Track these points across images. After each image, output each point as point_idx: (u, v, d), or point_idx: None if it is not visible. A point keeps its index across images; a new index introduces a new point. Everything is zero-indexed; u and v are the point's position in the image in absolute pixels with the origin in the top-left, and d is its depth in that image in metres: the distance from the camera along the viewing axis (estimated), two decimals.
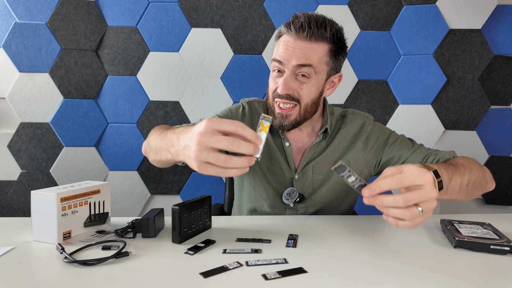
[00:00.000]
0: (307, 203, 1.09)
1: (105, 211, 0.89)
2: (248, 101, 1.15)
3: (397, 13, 1.78)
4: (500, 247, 0.71)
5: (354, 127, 1.10)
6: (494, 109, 1.80)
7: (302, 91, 0.97)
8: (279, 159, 1.09)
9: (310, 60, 0.95)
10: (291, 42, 0.96)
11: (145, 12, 1.76)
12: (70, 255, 0.67)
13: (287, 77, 0.96)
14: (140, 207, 1.83)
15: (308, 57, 0.95)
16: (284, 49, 0.96)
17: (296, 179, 1.08)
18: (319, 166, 1.08)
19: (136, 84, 1.78)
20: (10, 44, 1.71)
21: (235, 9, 1.77)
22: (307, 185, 1.08)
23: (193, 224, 0.81)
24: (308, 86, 0.97)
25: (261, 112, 1.11)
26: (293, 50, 0.95)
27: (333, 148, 1.09)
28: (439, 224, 0.90)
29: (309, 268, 0.64)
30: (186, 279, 0.60)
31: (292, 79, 0.96)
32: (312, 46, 0.96)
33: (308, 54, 0.95)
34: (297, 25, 0.95)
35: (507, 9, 1.76)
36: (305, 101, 0.98)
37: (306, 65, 0.95)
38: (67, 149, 1.77)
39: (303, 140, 1.11)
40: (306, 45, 0.95)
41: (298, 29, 0.95)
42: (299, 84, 0.97)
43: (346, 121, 1.12)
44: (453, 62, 1.78)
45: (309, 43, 0.95)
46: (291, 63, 0.95)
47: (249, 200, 1.14)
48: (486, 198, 1.84)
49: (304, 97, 0.98)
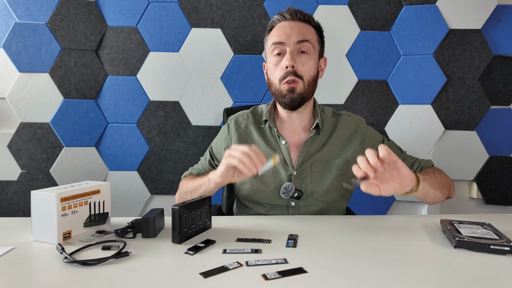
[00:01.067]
0: (309, 201, 1.10)
1: (105, 211, 0.89)
2: (232, 117, 1.23)
3: (397, 13, 1.78)
4: (500, 247, 0.71)
5: (349, 129, 1.16)
6: (494, 109, 1.80)
7: (304, 68, 1.06)
8: None
9: (307, 36, 1.07)
10: (287, 24, 1.08)
11: (145, 12, 1.76)
12: (70, 255, 0.67)
13: (291, 50, 1.05)
14: (140, 207, 1.83)
15: (305, 34, 1.07)
16: (283, 31, 1.07)
17: (295, 175, 1.10)
18: (318, 164, 1.11)
19: (136, 84, 1.78)
20: (10, 44, 1.71)
21: (235, 9, 1.77)
22: (306, 182, 1.10)
23: (193, 224, 0.81)
24: (308, 62, 1.07)
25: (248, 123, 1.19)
26: (291, 29, 1.07)
27: (331, 146, 1.13)
28: (439, 224, 0.90)
29: (309, 268, 0.64)
30: (186, 279, 0.60)
31: (295, 54, 1.06)
32: (305, 26, 1.09)
33: (304, 31, 1.08)
34: (289, 11, 1.09)
35: (507, 9, 1.76)
36: (307, 77, 1.07)
37: (305, 40, 1.06)
38: (67, 149, 1.77)
39: (300, 135, 1.14)
40: (301, 24, 1.09)
41: (291, 13, 1.09)
42: (302, 60, 1.06)
43: (342, 122, 1.17)
44: (453, 62, 1.78)
45: (303, 23, 1.09)
46: (292, 40, 1.05)
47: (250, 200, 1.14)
48: (486, 198, 1.84)
49: (306, 74, 1.07)
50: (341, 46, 1.79)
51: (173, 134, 1.80)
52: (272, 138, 1.14)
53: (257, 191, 1.11)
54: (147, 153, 1.80)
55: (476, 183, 1.83)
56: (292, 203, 1.10)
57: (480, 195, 1.84)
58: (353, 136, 1.15)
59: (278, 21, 1.10)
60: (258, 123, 1.18)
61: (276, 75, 1.08)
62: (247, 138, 1.16)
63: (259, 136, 1.15)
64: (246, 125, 1.19)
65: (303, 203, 1.10)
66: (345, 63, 1.80)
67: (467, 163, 1.82)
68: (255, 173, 0.91)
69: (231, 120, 1.22)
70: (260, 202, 1.12)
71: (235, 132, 1.18)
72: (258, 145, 1.12)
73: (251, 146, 0.90)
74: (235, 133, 1.18)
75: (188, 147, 1.81)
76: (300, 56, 1.06)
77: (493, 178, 1.82)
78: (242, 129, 1.18)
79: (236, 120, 1.21)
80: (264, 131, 1.16)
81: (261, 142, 1.14)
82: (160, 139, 1.80)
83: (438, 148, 1.81)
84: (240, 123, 1.19)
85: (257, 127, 1.17)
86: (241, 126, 1.19)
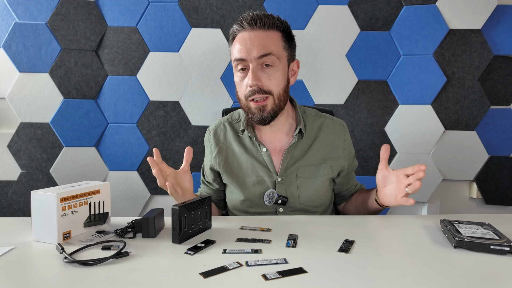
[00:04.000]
0: (296, 207, 1.09)
1: (105, 211, 0.89)
2: (211, 130, 1.19)
3: (397, 13, 1.78)
4: (500, 247, 0.71)
5: (334, 133, 1.13)
6: (494, 109, 1.80)
7: (271, 82, 1.00)
8: (257, 168, 1.09)
9: (269, 48, 0.99)
10: (247, 36, 1.00)
11: (145, 12, 1.76)
12: (70, 255, 0.67)
13: (253, 68, 0.99)
14: (140, 207, 1.83)
15: (267, 46, 0.99)
16: (243, 45, 0.99)
17: (279, 181, 1.08)
18: (303, 169, 1.09)
19: (136, 84, 1.78)
20: (10, 44, 1.71)
21: (235, 9, 1.77)
22: (292, 188, 1.08)
23: (193, 224, 0.81)
24: (275, 75, 1.00)
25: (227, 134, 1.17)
26: (251, 43, 0.99)
27: (315, 151, 1.10)
28: (439, 224, 0.90)
29: (309, 268, 0.64)
30: (186, 279, 0.60)
31: (258, 70, 0.99)
32: (266, 34, 1.00)
33: (266, 43, 0.99)
34: (248, 19, 1.00)
35: (507, 9, 1.76)
36: (277, 90, 1.01)
37: (267, 54, 0.98)
38: (67, 149, 1.77)
39: (281, 140, 1.11)
40: (261, 34, 0.99)
41: (250, 22, 0.99)
42: (267, 75, 1.00)
43: (326, 125, 1.14)
44: (453, 62, 1.78)
45: (264, 32, 1.00)
46: (253, 55, 0.98)
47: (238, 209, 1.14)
48: (486, 198, 1.84)
49: (275, 88, 1.01)
50: (341, 46, 1.79)
51: (173, 134, 1.80)
52: (252, 146, 1.11)
53: (244, 201, 1.10)
54: (147, 153, 1.80)
55: (476, 183, 1.83)
56: (280, 209, 1.09)
57: (480, 195, 1.84)
58: (337, 141, 1.13)
59: (238, 31, 1.02)
60: (237, 132, 1.14)
61: (242, 91, 1.03)
62: (228, 150, 1.14)
63: (239, 147, 1.12)
64: (224, 136, 1.15)
65: (290, 208, 1.09)
66: (345, 63, 1.80)
67: (467, 163, 1.82)
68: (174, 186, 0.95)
69: (209, 133, 1.18)
70: (248, 211, 1.11)
71: (215, 145, 1.15)
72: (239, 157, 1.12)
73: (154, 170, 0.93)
74: (215, 147, 1.15)
75: None
76: (264, 70, 0.99)
77: (493, 178, 1.82)
78: (221, 141, 1.15)
79: (214, 133, 1.17)
80: (243, 139, 1.13)
81: (242, 153, 1.11)
82: (160, 139, 1.80)
83: (438, 148, 1.81)
84: (218, 135, 1.16)
85: (236, 136, 1.14)
86: (220, 138, 1.16)
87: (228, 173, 1.12)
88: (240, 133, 1.13)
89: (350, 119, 1.82)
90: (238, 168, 1.11)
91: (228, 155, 1.13)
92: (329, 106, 1.81)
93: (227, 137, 1.15)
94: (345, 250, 0.72)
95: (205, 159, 1.20)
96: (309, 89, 1.81)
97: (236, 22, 1.03)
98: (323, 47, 1.79)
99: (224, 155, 1.13)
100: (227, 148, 1.14)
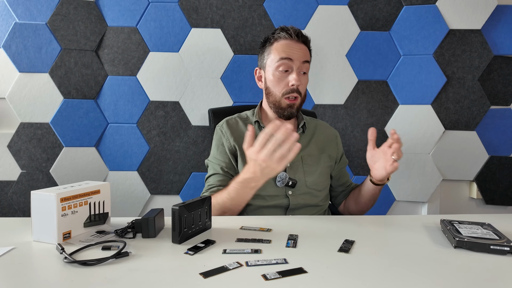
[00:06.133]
0: (303, 190, 1.20)
1: (105, 211, 0.89)
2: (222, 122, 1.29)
3: (397, 13, 1.78)
4: (500, 247, 0.71)
5: (327, 132, 1.35)
6: (494, 109, 1.80)
7: (303, 86, 1.21)
8: None
9: (308, 58, 1.21)
10: (294, 44, 1.19)
11: (145, 12, 1.76)
12: (70, 255, 0.67)
13: (298, 70, 1.18)
14: (140, 207, 1.83)
15: (307, 56, 1.21)
16: (290, 49, 1.18)
17: (288, 167, 1.22)
18: (308, 158, 1.25)
19: (136, 84, 1.78)
20: (10, 44, 1.71)
21: (235, 9, 1.77)
22: (299, 173, 1.22)
23: (193, 224, 0.81)
24: (306, 81, 1.23)
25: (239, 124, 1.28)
26: (298, 50, 1.18)
27: (315, 144, 1.29)
28: (439, 224, 0.90)
29: (309, 268, 0.64)
30: (186, 279, 0.60)
31: (300, 74, 1.19)
32: (305, 48, 1.21)
33: (306, 54, 1.21)
34: (295, 32, 1.19)
35: (507, 9, 1.76)
36: (303, 92, 1.23)
37: (307, 61, 1.20)
38: (67, 149, 1.77)
39: None
40: (303, 47, 1.21)
41: (298, 35, 1.19)
42: (302, 79, 1.20)
43: (320, 125, 1.36)
44: (453, 62, 1.78)
45: (304, 45, 1.21)
46: (299, 60, 1.18)
47: None
48: (486, 198, 1.84)
49: (303, 90, 1.22)
50: (341, 46, 1.79)
51: (173, 134, 1.80)
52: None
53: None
54: (147, 153, 1.80)
55: (476, 183, 1.83)
56: (289, 191, 1.19)
57: (480, 195, 1.84)
58: (331, 137, 1.34)
59: (284, 38, 1.19)
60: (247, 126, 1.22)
61: (279, 88, 1.19)
62: (241, 138, 1.19)
63: None
64: (237, 127, 1.27)
65: (298, 191, 1.19)
66: (345, 63, 1.80)
67: (467, 163, 1.82)
68: (298, 148, 0.90)
69: (222, 125, 1.27)
70: (260, 194, 1.15)
71: (230, 134, 1.24)
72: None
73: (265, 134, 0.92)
74: (231, 135, 1.24)
75: (188, 147, 1.81)
76: (301, 75, 1.19)
77: (493, 178, 1.82)
78: (235, 129, 1.26)
79: (227, 124, 1.27)
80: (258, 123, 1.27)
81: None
82: (160, 139, 1.80)
83: (438, 148, 1.82)
84: (232, 125, 1.27)
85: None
86: (234, 128, 1.26)
87: (242, 157, 1.21)
88: (253, 124, 1.25)
89: (350, 119, 1.82)
90: None
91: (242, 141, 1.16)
92: (329, 106, 1.81)
93: (239, 128, 1.26)
94: (345, 250, 0.72)
95: (219, 149, 1.24)
96: (309, 89, 1.81)
97: (280, 30, 1.20)
98: (323, 47, 1.79)
99: (240, 141, 1.21)
100: (240, 136, 1.23)
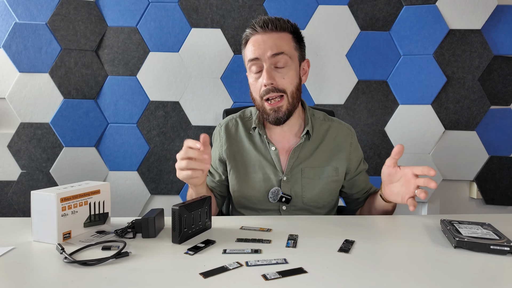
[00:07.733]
0: (299, 206, 1.11)
1: (105, 211, 0.89)
2: (222, 124, 1.21)
3: (397, 13, 1.78)
4: (500, 247, 0.71)
5: (340, 137, 1.15)
6: (494, 109, 1.80)
7: (285, 80, 1.03)
8: (264, 165, 1.12)
9: (281, 48, 1.02)
10: (260, 38, 1.04)
11: (145, 12, 1.76)
12: (70, 255, 0.67)
13: (267, 67, 1.02)
14: (140, 207, 1.83)
15: (279, 46, 1.03)
16: (256, 46, 1.03)
17: (284, 180, 1.10)
18: (308, 170, 1.11)
19: (136, 84, 1.78)
20: (10, 44, 1.71)
21: (235, 9, 1.77)
22: (296, 187, 1.10)
23: (193, 224, 0.81)
24: (288, 74, 1.04)
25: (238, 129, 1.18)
26: (264, 43, 1.03)
27: (321, 153, 1.12)
28: (439, 224, 0.90)
29: (309, 268, 0.64)
30: (186, 279, 0.60)
31: (272, 70, 1.03)
32: (278, 35, 1.04)
33: (278, 43, 1.03)
34: (260, 23, 1.04)
35: (507, 9, 1.76)
36: (290, 88, 1.05)
37: (279, 53, 1.02)
38: (67, 149, 1.77)
39: (290, 140, 1.14)
40: (274, 35, 1.03)
41: (263, 25, 1.04)
42: (280, 74, 1.03)
43: (333, 128, 1.17)
44: (453, 62, 1.78)
45: (276, 33, 1.04)
46: (267, 55, 1.02)
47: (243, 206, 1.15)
48: (486, 198, 1.84)
49: (288, 86, 1.04)
50: (341, 46, 1.79)
51: (173, 134, 1.80)
52: (262, 144, 1.14)
53: (249, 197, 1.12)
54: (147, 153, 1.80)
55: (476, 183, 1.83)
56: (283, 207, 1.10)
57: (480, 195, 1.84)
58: (343, 144, 1.14)
59: (251, 35, 1.06)
60: (248, 129, 1.17)
61: (256, 91, 1.06)
62: (238, 145, 1.16)
63: (249, 143, 1.15)
64: (236, 131, 1.18)
65: (293, 207, 1.11)
66: (345, 63, 1.80)
67: (467, 163, 1.82)
68: (207, 166, 0.91)
69: (221, 127, 1.20)
70: (252, 207, 1.13)
71: (225, 140, 1.17)
72: (248, 153, 1.14)
73: (187, 143, 0.90)
74: (225, 141, 1.17)
75: None
76: (278, 70, 1.03)
77: (493, 178, 1.82)
78: (232, 136, 1.17)
79: (226, 127, 1.19)
80: (253, 137, 1.15)
81: (251, 149, 1.14)
82: (160, 139, 1.80)
83: (438, 148, 1.81)
84: (230, 129, 1.18)
85: (247, 133, 1.16)
86: (231, 132, 1.18)
87: (236, 167, 1.14)
88: (251, 130, 1.15)
89: (350, 119, 1.82)
90: (246, 164, 1.14)
91: (238, 149, 1.15)
92: (329, 106, 1.81)
93: (239, 132, 1.17)
94: (345, 250, 0.72)
95: (212, 152, 1.20)
96: (309, 89, 1.81)
97: (249, 26, 1.07)
98: (323, 47, 1.79)
99: (235, 149, 1.15)
100: (238, 143, 1.16)
